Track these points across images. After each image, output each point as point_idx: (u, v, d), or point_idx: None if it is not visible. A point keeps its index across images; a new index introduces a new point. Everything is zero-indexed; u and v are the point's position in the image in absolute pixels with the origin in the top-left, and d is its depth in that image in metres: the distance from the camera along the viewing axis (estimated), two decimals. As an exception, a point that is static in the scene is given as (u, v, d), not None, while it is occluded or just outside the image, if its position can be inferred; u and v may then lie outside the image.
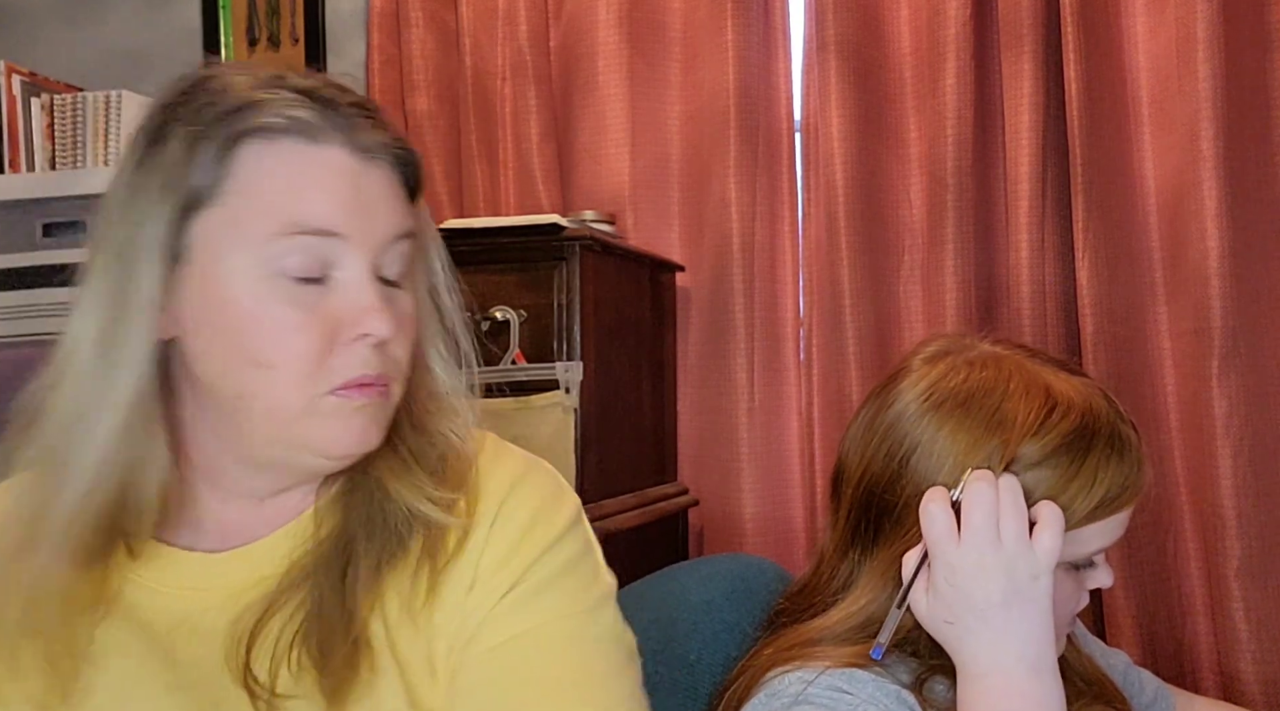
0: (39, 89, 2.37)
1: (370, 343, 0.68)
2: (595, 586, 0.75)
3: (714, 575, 0.98)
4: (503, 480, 0.75)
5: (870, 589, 0.82)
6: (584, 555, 0.75)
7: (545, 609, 0.71)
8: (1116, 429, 0.80)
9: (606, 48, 2.17)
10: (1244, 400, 1.75)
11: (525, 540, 0.72)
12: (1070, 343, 1.89)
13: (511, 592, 0.70)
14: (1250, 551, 1.73)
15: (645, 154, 2.17)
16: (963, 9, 1.93)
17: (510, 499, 0.74)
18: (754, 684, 0.82)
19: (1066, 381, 0.81)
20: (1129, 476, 0.79)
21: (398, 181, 0.73)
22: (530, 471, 0.77)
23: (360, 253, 0.69)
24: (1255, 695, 1.71)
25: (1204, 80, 1.75)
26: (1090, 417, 0.79)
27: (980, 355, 0.84)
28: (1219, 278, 1.75)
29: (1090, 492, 0.78)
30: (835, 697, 0.77)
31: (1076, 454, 0.78)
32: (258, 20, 2.51)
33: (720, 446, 2.07)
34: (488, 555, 0.71)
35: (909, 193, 2.05)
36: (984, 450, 0.78)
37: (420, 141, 2.29)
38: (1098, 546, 0.81)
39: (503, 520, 0.72)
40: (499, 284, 1.73)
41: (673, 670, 0.93)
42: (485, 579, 0.71)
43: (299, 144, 0.68)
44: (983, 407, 0.79)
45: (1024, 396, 0.79)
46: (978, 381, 0.81)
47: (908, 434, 0.81)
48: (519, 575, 0.71)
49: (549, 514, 0.74)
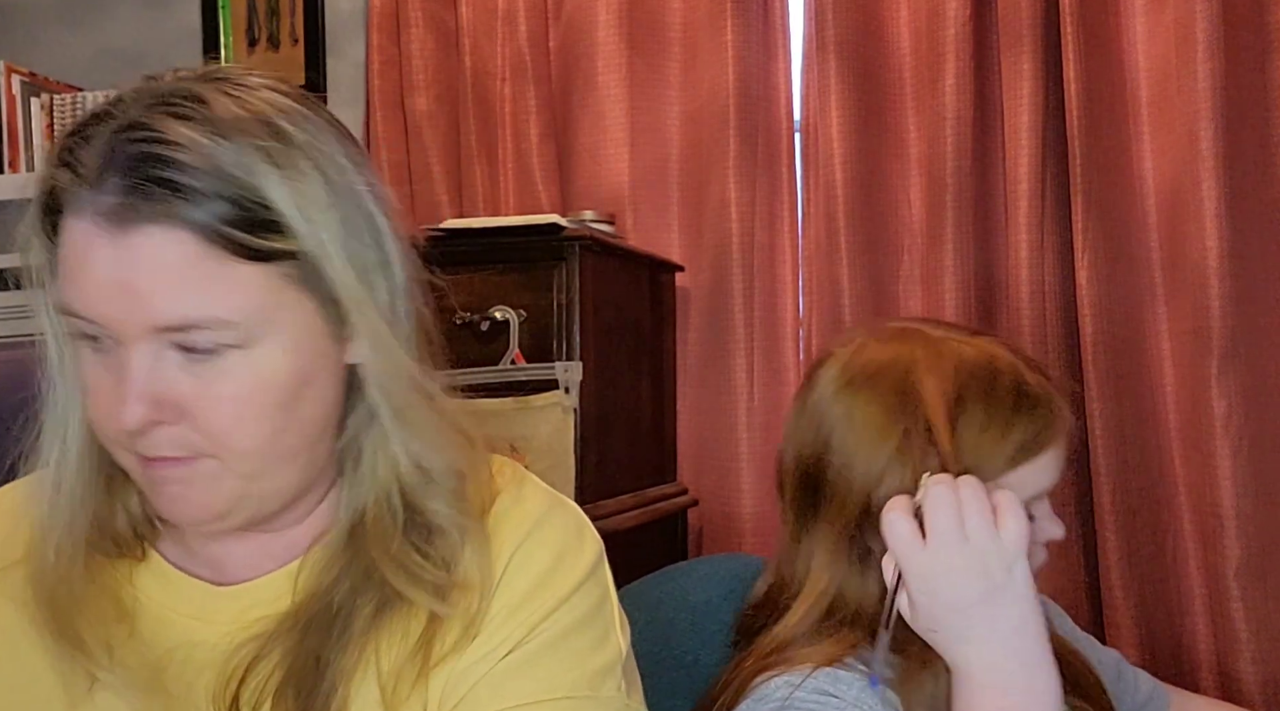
0: (39, 89, 2.37)
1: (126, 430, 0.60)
2: (602, 653, 0.69)
3: (713, 575, 0.98)
4: (521, 522, 0.70)
5: (824, 568, 0.84)
6: (596, 613, 0.70)
7: (544, 681, 0.66)
8: (1022, 378, 0.83)
9: (606, 48, 2.17)
10: (1243, 400, 1.75)
11: (540, 590, 0.68)
12: (1070, 343, 1.89)
13: (513, 654, 0.66)
14: (1250, 551, 1.73)
15: (645, 154, 2.17)
16: (963, 9, 1.93)
17: (528, 542, 0.69)
18: (741, 692, 0.82)
19: (968, 343, 0.85)
20: (1042, 420, 0.82)
21: (196, 243, 0.58)
22: (552, 514, 0.73)
23: (125, 338, 0.59)
24: (1255, 695, 1.71)
25: (1203, 80, 1.75)
26: (992, 371, 0.82)
27: (888, 331, 0.88)
28: (1218, 278, 1.75)
29: (1004, 441, 0.81)
30: (822, 701, 0.77)
31: (984, 407, 0.81)
32: (257, 20, 2.51)
33: (720, 446, 2.07)
34: (499, 601, 0.67)
35: (909, 193, 2.05)
36: (896, 418, 0.81)
37: (420, 141, 2.29)
38: (1029, 494, 0.83)
39: (516, 566, 0.68)
40: (498, 284, 1.73)
41: (672, 670, 0.93)
42: (487, 633, 0.66)
43: (67, 216, 0.60)
44: (890, 378, 0.83)
45: (928, 363, 0.83)
46: (886, 355, 0.85)
47: (827, 412, 0.85)
48: (528, 630, 0.66)
49: (564, 567, 0.70)
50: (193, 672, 0.67)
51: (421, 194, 2.29)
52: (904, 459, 0.81)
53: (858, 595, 0.83)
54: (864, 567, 0.83)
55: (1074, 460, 1.88)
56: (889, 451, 0.81)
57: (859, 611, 0.82)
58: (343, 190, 0.63)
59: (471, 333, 1.72)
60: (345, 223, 0.62)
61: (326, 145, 0.63)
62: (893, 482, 0.80)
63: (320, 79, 2.47)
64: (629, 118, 2.16)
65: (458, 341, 1.74)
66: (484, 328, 1.71)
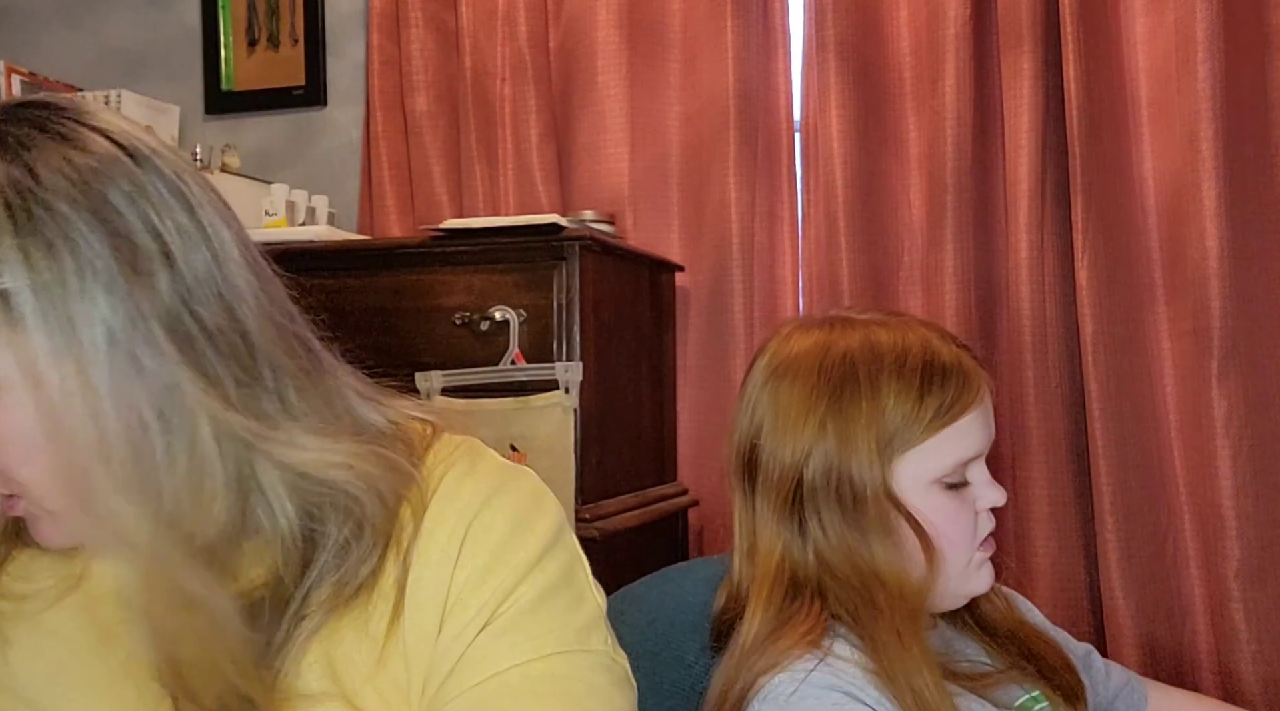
0: (38, 89, 2.37)
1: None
2: (581, 611, 0.70)
3: (713, 575, 0.98)
4: (474, 495, 0.70)
5: (771, 545, 0.89)
6: (568, 575, 0.70)
7: (529, 643, 0.66)
8: (932, 350, 0.89)
9: (606, 48, 2.17)
10: (1244, 401, 1.75)
11: (500, 561, 0.68)
12: (1070, 343, 1.89)
13: (492, 624, 0.66)
14: (1250, 552, 1.73)
15: (645, 154, 2.17)
16: (962, 9, 1.93)
17: (482, 514, 0.69)
18: (746, 694, 0.84)
19: (883, 325, 0.91)
20: (955, 387, 0.88)
21: None
22: (506, 484, 0.72)
23: None
24: (1255, 695, 1.71)
25: (1203, 81, 1.75)
26: (903, 347, 0.89)
27: (812, 320, 0.95)
28: (1218, 278, 1.75)
29: (920, 409, 0.86)
30: (826, 696, 0.80)
31: (897, 379, 0.87)
32: (257, 20, 2.51)
33: (720, 446, 2.06)
34: (458, 577, 0.67)
35: (908, 193, 2.05)
36: (817, 398, 0.88)
37: (420, 141, 2.29)
38: (954, 459, 0.87)
39: (473, 539, 0.68)
40: (498, 284, 1.73)
41: (672, 670, 0.93)
42: (460, 605, 0.66)
43: None
44: (810, 362, 0.90)
45: (845, 345, 0.90)
46: (808, 342, 0.91)
47: (758, 399, 0.92)
48: (498, 602, 0.66)
49: (524, 532, 0.69)
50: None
51: (421, 194, 2.29)
52: (825, 434, 0.87)
53: (801, 564, 0.88)
54: (803, 538, 0.88)
55: (1074, 460, 1.88)
56: (813, 428, 0.87)
57: (814, 582, 0.87)
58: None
59: (471, 332, 1.73)
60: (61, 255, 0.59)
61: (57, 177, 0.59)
62: (818, 458, 0.87)
63: (320, 79, 2.47)
64: (629, 118, 2.16)
65: (458, 341, 1.74)
66: (484, 328, 1.71)
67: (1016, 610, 1.00)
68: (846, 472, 0.86)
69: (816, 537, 0.87)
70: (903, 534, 0.86)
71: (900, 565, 0.85)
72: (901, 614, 0.83)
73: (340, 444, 0.67)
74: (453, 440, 0.75)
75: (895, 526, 0.86)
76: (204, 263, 0.63)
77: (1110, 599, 1.81)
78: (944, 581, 0.87)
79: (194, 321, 0.62)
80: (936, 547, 0.86)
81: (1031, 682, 0.92)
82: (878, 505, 0.86)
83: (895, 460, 0.86)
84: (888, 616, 0.83)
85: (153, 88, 2.52)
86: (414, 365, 1.73)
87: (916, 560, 0.86)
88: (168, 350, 0.60)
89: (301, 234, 1.98)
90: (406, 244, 1.88)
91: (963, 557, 0.88)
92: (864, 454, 0.86)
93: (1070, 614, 1.85)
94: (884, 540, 0.85)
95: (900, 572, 0.85)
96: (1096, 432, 1.82)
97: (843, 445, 0.86)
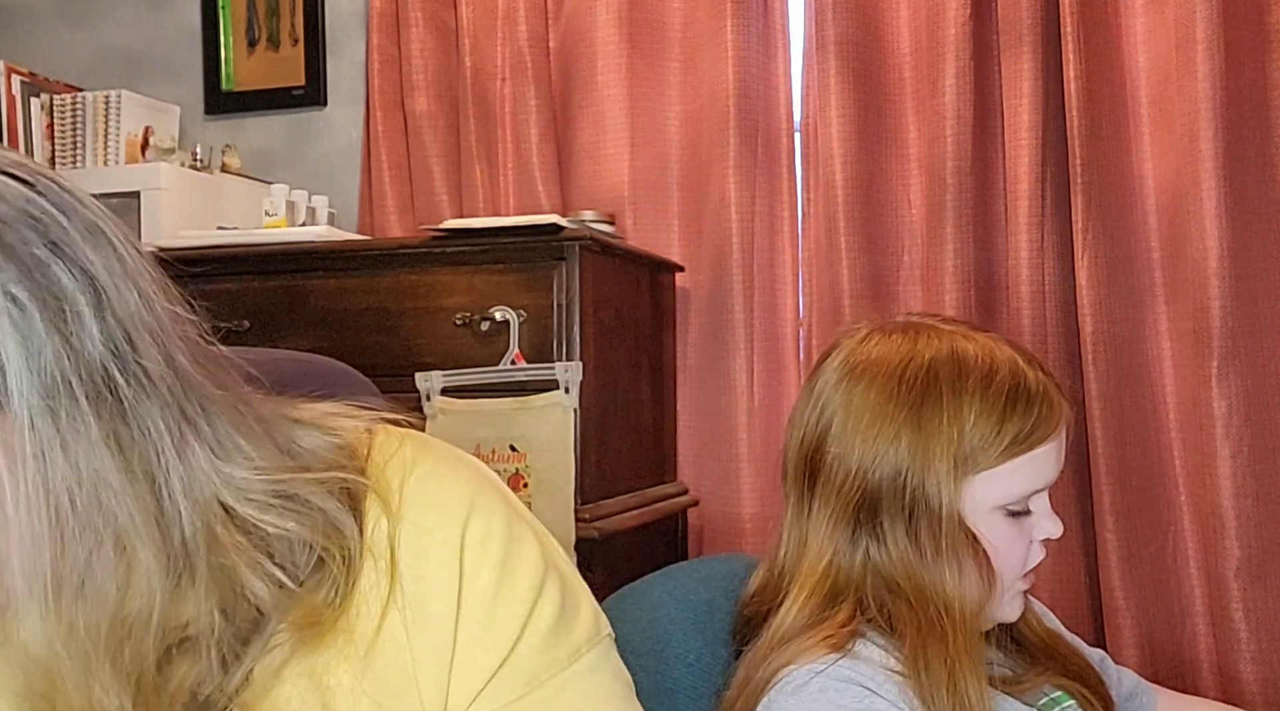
0: (39, 89, 2.37)
1: None
2: (578, 628, 0.69)
3: (713, 575, 0.98)
4: (452, 515, 0.66)
5: (823, 549, 0.87)
6: (566, 600, 0.69)
7: (543, 675, 0.66)
8: (1019, 373, 0.86)
9: (606, 48, 2.17)
10: (1244, 400, 1.75)
11: (502, 598, 0.66)
12: (1070, 342, 1.89)
13: (503, 668, 0.65)
14: (1250, 551, 1.73)
15: (645, 154, 2.17)
16: (962, 9, 1.93)
17: (468, 540, 0.66)
18: (765, 684, 0.84)
19: (970, 338, 0.88)
20: (1038, 415, 0.85)
21: None
22: (478, 497, 0.68)
23: None
24: (1255, 695, 1.71)
25: (1203, 80, 1.76)
26: (990, 366, 0.86)
27: (894, 324, 0.92)
28: (1218, 278, 1.75)
29: (999, 433, 0.84)
30: (845, 689, 0.80)
31: (980, 399, 0.84)
32: (257, 20, 2.51)
33: (720, 446, 2.07)
34: (465, 617, 0.65)
35: (909, 193, 2.05)
36: (895, 406, 0.85)
37: (420, 141, 2.29)
38: (1023, 489, 0.86)
39: (470, 571, 0.66)
40: (499, 284, 1.73)
41: (674, 668, 0.93)
42: (469, 645, 0.65)
43: None
44: (890, 368, 0.87)
45: (929, 355, 0.86)
46: (889, 346, 0.89)
47: (830, 399, 0.89)
48: (509, 646, 0.65)
49: (516, 560, 0.67)
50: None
51: (421, 194, 2.30)
52: (900, 445, 0.84)
53: (849, 572, 0.86)
54: (854, 546, 0.86)
55: (1074, 460, 1.88)
56: (887, 438, 0.84)
57: (856, 590, 0.86)
58: None
59: (471, 332, 1.73)
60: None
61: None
62: (888, 468, 0.84)
63: (320, 79, 2.47)
64: (629, 118, 2.16)
65: (458, 341, 1.74)
66: (484, 328, 1.71)
67: (1044, 620, 0.99)
68: (919, 487, 0.84)
69: (871, 547, 0.85)
70: (964, 554, 0.84)
71: (965, 589, 0.84)
72: (964, 637, 0.82)
73: (283, 478, 0.62)
74: (393, 435, 0.71)
75: (963, 550, 0.84)
76: (134, 301, 0.56)
77: (1110, 599, 1.81)
78: (991, 605, 0.86)
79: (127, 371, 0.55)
80: (996, 571, 0.84)
81: (1057, 685, 0.92)
82: (949, 526, 0.84)
83: (966, 480, 0.84)
84: (950, 638, 0.81)
85: (153, 88, 2.52)
86: (414, 365, 1.73)
87: (971, 580, 0.84)
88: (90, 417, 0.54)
89: (301, 234, 1.98)
90: (407, 244, 1.88)
91: (1011, 581, 0.87)
92: (939, 470, 0.83)
93: (1070, 614, 1.85)
94: (952, 563, 0.84)
95: (965, 596, 0.83)
96: (1096, 432, 1.82)
97: (917, 458, 0.84)
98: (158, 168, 2.17)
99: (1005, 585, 0.86)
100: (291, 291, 1.82)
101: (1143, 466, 1.84)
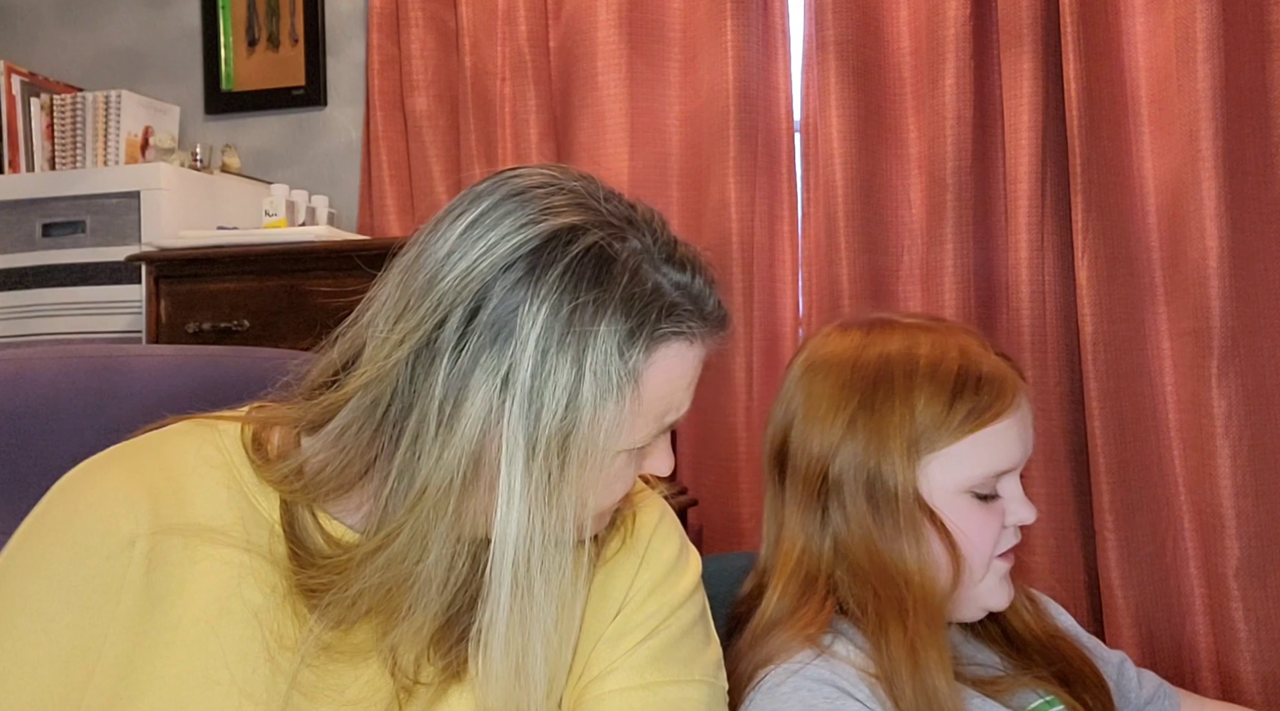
0: (38, 89, 2.37)
1: None
2: (714, 644, 0.81)
3: (713, 575, 0.98)
4: (650, 514, 0.82)
5: (794, 535, 0.91)
6: (706, 610, 0.82)
7: (684, 663, 0.76)
8: (971, 356, 0.89)
9: (606, 48, 2.17)
10: (1243, 400, 1.75)
11: (667, 583, 0.78)
12: (1070, 342, 1.89)
13: (648, 642, 0.75)
14: (1249, 551, 1.73)
15: (645, 154, 2.17)
16: (962, 9, 1.93)
17: (657, 535, 0.81)
18: (745, 685, 0.85)
19: (924, 328, 0.92)
20: (990, 394, 0.88)
21: None
22: (666, 509, 0.85)
23: None
24: (1255, 695, 1.71)
25: (1203, 80, 1.75)
26: (940, 351, 0.89)
27: (852, 321, 0.97)
28: (1218, 278, 1.75)
29: (950, 412, 0.87)
30: (819, 690, 0.81)
31: (930, 381, 0.87)
32: (257, 20, 2.51)
33: (720, 446, 2.07)
34: (636, 588, 0.77)
35: (908, 193, 2.05)
36: (849, 395, 0.89)
37: (420, 141, 2.29)
38: (984, 469, 0.87)
39: (651, 556, 0.79)
40: (499, 284, 1.73)
41: (672, 670, 0.93)
42: (630, 611, 0.76)
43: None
44: (845, 360, 0.91)
45: (881, 346, 0.91)
46: (846, 341, 0.93)
47: (793, 394, 0.94)
48: (658, 622, 0.76)
49: (685, 562, 0.81)
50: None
51: (421, 194, 2.30)
52: (855, 431, 0.88)
53: (819, 558, 0.90)
54: (824, 529, 0.90)
55: (1074, 460, 1.88)
56: (842, 423, 0.88)
57: (829, 576, 0.88)
58: None
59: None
60: None
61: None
62: (845, 452, 0.88)
63: (320, 79, 2.47)
64: (629, 118, 2.16)
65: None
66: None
67: (1048, 617, 1.00)
68: (875, 471, 0.87)
69: (837, 527, 0.89)
70: (928, 537, 0.86)
71: (925, 567, 0.85)
72: (924, 615, 0.83)
73: None
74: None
75: (921, 529, 0.86)
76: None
77: (1110, 598, 1.81)
78: (963, 588, 0.87)
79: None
80: (962, 553, 0.86)
81: (1047, 688, 0.92)
82: (905, 505, 0.86)
83: (924, 462, 0.86)
84: (910, 615, 0.83)
85: (153, 88, 2.52)
86: (414, 365, 1.73)
87: (940, 564, 0.86)
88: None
89: (302, 234, 1.98)
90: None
91: (981, 564, 0.88)
92: (894, 454, 0.86)
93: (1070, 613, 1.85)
94: (910, 541, 0.86)
95: (925, 574, 0.85)
96: (1096, 432, 1.82)
97: (872, 443, 0.87)
98: (158, 168, 2.17)
99: (975, 568, 0.88)
100: (291, 291, 1.82)
101: (1143, 466, 1.84)
